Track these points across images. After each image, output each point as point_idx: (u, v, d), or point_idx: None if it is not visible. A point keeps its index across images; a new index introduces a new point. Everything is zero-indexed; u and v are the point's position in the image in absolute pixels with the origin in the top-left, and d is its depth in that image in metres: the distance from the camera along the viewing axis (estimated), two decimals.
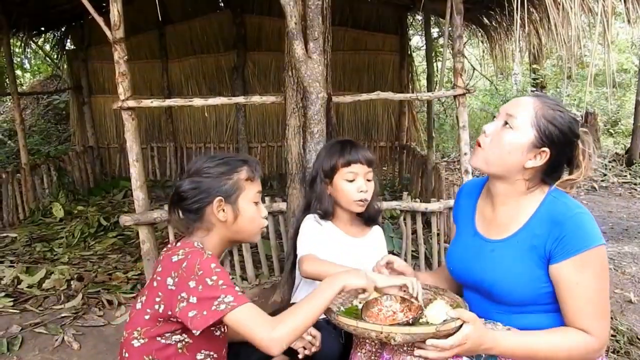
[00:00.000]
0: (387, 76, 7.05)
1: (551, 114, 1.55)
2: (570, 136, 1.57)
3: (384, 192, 6.38)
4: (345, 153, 2.04)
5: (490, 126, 1.62)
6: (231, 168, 1.61)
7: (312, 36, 2.98)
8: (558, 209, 1.55)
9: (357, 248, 2.10)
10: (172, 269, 1.46)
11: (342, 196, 2.05)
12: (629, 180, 7.40)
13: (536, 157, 1.56)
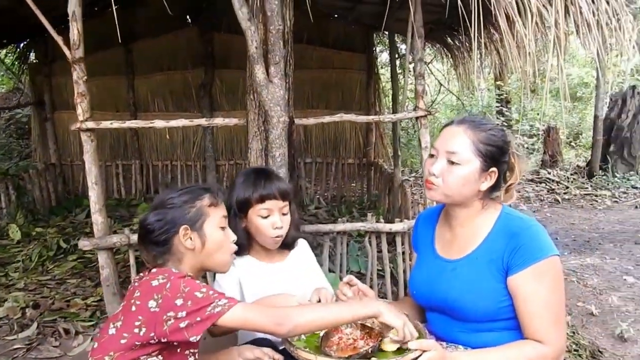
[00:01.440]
0: (355, 94, 7.11)
1: (485, 136, 1.62)
2: (506, 148, 1.67)
3: (351, 210, 6.41)
4: (258, 187, 1.94)
5: (437, 167, 1.65)
6: (194, 196, 1.64)
7: (273, 60, 2.99)
8: (513, 223, 1.64)
9: (281, 273, 2.06)
10: (154, 292, 1.47)
11: (257, 232, 1.98)
12: (590, 192, 7.60)
13: (487, 179, 1.65)
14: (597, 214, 6.61)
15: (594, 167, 8.12)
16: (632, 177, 7.87)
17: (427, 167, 1.69)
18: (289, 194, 2.02)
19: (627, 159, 8.02)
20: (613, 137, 8.08)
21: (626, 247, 5.22)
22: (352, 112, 6.98)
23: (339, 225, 3.68)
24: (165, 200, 1.64)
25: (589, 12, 3.02)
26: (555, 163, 8.78)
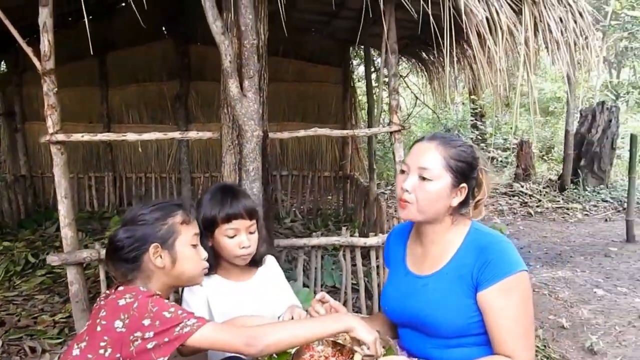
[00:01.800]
0: (331, 107, 7.14)
1: (455, 152, 1.64)
2: (475, 164, 1.69)
3: (327, 223, 6.41)
4: (225, 207, 1.91)
5: (409, 183, 1.66)
6: (165, 213, 1.61)
7: (247, 74, 2.98)
8: (483, 239, 1.66)
9: (249, 291, 2.05)
10: (120, 312, 1.44)
11: (224, 252, 1.96)
12: (562, 205, 7.73)
13: (457, 194, 1.67)
14: (568, 227, 6.73)
15: (566, 180, 8.27)
16: (602, 190, 8.03)
17: (399, 184, 1.70)
18: (256, 212, 2.00)
19: (597, 173, 8.19)
20: (583, 152, 8.25)
21: (596, 259, 5.31)
22: (328, 125, 7.06)
23: (314, 240, 3.68)
24: (136, 216, 1.61)
25: (557, 31, 3.10)
26: (528, 176, 8.93)
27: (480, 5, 2.94)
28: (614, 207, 7.47)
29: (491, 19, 2.98)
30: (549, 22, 3.05)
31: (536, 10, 3.03)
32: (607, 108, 8.24)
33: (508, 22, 2.99)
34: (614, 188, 8.17)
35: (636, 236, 5.94)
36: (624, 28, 12.03)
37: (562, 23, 3.13)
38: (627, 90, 14.39)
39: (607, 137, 8.13)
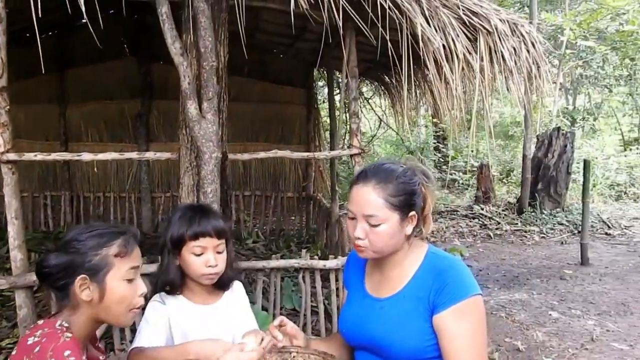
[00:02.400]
0: (295, 128, 7.17)
1: (393, 188, 1.62)
2: (416, 187, 1.67)
3: (290, 244, 6.37)
4: (193, 225, 1.87)
5: (359, 231, 1.66)
6: (102, 242, 1.48)
7: (206, 96, 2.97)
8: (439, 262, 1.66)
9: (212, 315, 2.01)
10: (24, 353, 1.34)
11: (190, 270, 1.94)
12: (520, 228, 7.90)
13: (409, 223, 1.66)
14: (526, 250, 6.87)
15: (524, 203, 8.47)
16: (558, 213, 8.26)
17: (350, 230, 1.70)
18: (226, 233, 1.95)
19: (554, 196, 8.43)
20: (540, 176, 8.49)
21: (552, 282, 5.43)
22: (292, 145, 7.09)
23: (273, 262, 3.64)
24: (70, 241, 1.49)
25: (510, 60, 3.19)
26: (488, 199, 9.11)
27: (438, 34, 3.02)
28: (570, 230, 7.68)
29: (448, 47, 3.05)
30: (503, 52, 3.15)
31: (491, 40, 3.13)
32: (563, 134, 8.53)
33: (464, 50, 3.07)
34: (569, 211, 8.41)
35: (590, 259, 6.12)
36: (579, 57, 12.55)
37: (516, 53, 3.23)
38: (583, 117, 14.97)
39: (562, 162, 8.39)
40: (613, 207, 9.62)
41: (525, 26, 3.32)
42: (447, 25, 3.00)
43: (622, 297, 4.91)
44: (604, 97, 15.87)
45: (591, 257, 6.19)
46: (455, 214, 8.80)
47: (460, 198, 10.34)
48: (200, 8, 2.85)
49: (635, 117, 17.24)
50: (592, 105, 16.51)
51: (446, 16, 3.03)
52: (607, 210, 9.21)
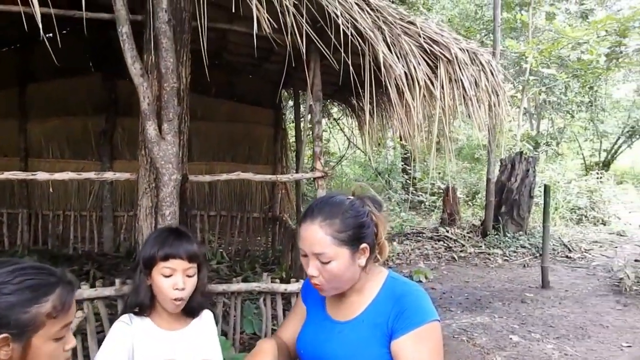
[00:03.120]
0: (262, 148, 7.16)
1: (340, 224, 1.61)
2: (363, 218, 1.66)
3: (254, 265, 6.30)
4: (165, 246, 1.89)
5: (312, 269, 1.65)
6: (33, 297, 1.26)
7: (166, 117, 2.93)
8: (399, 288, 1.66)
9: (177, 342, 1.97)
10: None
11: (158, 292, 1.92)
12: (484, 251, 8.00)
13: (362, 255, 1.64)
14: (489, 272, 6.95)
15: (488, 226, 8.60)
16: (521, 236, 8.40)
17: (304, 268, 1.69)
18: (197, 257, 1.94)
19: (517, 219, 8.59)
20: (504, 199, 8.64)
21: (513, 305, 5.49)
22: (259, 165, 7.07)
23: (233, 286, 3.59)
24: None
25: (470, 88, 3.26)
26: (454, 221, 9.22)
27: (400, 61, 3.06)
28: (532, 253, 7.81)
29: (409, 74, 3.10)
30: (463, 79, 3.21)
31: (451, 68, 3.19)
32: (525, 158, 8.73)
33: (425, 77, 3.12)
34: (532, 234, 8.56)
35: (551, 282, 6.22)
36: (543, 83, 12.95)
37: (475, 81, 3.30)
38: (547, 141, 15.38)
39: (525, 186, 8.57)
40: (574, 230, 9.84)
41: (484, 55, 3.40)
42: (408, 53, 3.05)
43: (581, 321, 5.00)
44: (567, 123, 16.37)
45: (552, 280, 6.30)
46: (421, 236, 8.86)
47: (427, 220, 10.43)
48: (162, 29, 2.83)
49: (596, 142, 17.82)
50: (555, 130, 17.01)
51: (408, 44, 3.08)
52: (568, 233, 9.42)
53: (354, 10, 2.91)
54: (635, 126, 16.09)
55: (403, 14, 3.15)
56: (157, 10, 2.81)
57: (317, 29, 3.13)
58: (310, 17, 3.03)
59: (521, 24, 11.90)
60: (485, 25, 13.45)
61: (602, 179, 12.32)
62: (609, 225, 10.33)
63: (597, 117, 16.18)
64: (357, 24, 2.94)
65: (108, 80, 6.52)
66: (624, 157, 18.99)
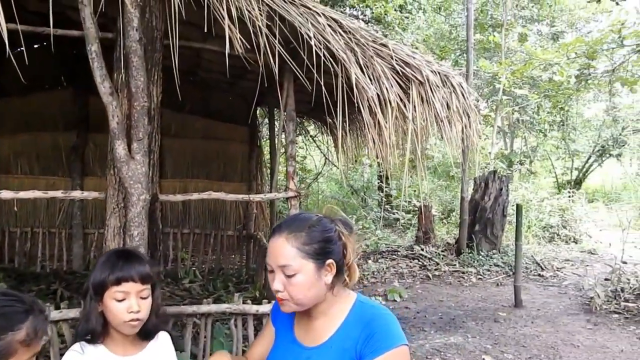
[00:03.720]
0: (237, 165, 7.12)
1: (305, 237, 1.62)
2: (330, 233, 1.66)
3: (228, 284, 6.21)
4: (115, 269, 1.83)
5: (277, 283, 1.64)
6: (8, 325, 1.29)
7: (136, 136, 2.89)
8: (367, 312, 1.65)
9: None
10: None
11: (112, 317, 1.87)
12: (458, 269, 8.03)
13: (328, 271, 1.64)
14: (463, 291, 6.98)
15: (462, 244, 8.66)
16: (494, 255, 8.47)
17: (270, 283, 1.68)
18: (150, 278, 1.89)
19: (490, 238, 8.67)
20: (478, 218, 8.72)
21: (486, 325, 5.51)
22: (233, 183, 7.02)
23: (204, 307, 3.53)
24: None
25: (442, 110, 3.29)
26: (428, 239, 9.26)
27: (372, 83, 3.08)
28: (505, 271, 7.88)
29: (382, 95, 3.12)
30: (434, 101, 3.24)
31: (422, 90, 3.22)
32: (499, 177, 8.84)
33: (397, 99, 3.15)
34: (505, 253, 8.64)
35: (523, 301, 6.27)
36: (516, 102, 13.20)
37: (447, 104, 3.34)
38: (520, 160, 15.64)
39: (498, 205, 8.67)
40: (546, 248, 9.97)
41: (455, 77, 3.44)
42: (381, 75, 3.07)
43: (552, 341, 5.03)
44: (539, 141, 16.68)
45: (524, 299, 6.35)
46: (396, 254, 8.87)
47: (402, 237, 10.46)
48: (133, 48, 2.80)
49: (568, 160, 18.19)
50: (529, 149, 17.32)
51: (380, 66, 3.10)
52: (541, 251, 9.53)
53: (327, 32, 2.93)
54: (605, 145, 16.48)
55: (376, 36, 3.18)
56: (128, 29, 2.79)
57: (290, 50, 3.14)
58: (283, 37, 3.03)
59: (494, 45, 12.15)
60: (460, 45, 13.71)
61: (573, 198, 12.55)
62: (581, 244, 10.50)
63: (569, 136, 16.55)
64: (330, 46, 2.95)
65: (80, 95, 6.43)
66: (595, 176, 19.39)
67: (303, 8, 2.93)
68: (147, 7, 2.94)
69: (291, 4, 2.92)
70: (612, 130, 16.76)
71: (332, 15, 3.00)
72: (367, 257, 8.57)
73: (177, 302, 5.55)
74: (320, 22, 2.94)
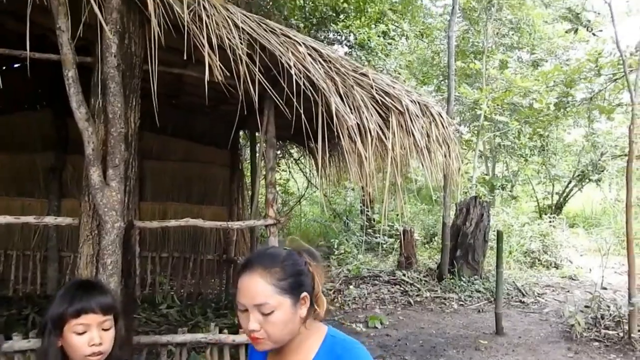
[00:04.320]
0: (218, 189, 7.06)
1: (280, 272, 1.59)
2: (302, 267, 1.64)
3: (206, 310, 6.11)
4: (75, 301, 1.77)
5: (253, 323, 1.61)
6: None
7: (112, 163, 2.85)
8: (338, 345, 1.63)
9: None
10: None
11: (72, 352, 1.79)
12: (439, 295, 7.99)
13: (303, 305, 1.62)
14: (444, 318, 6.94)
15: (444, 270, 8.64)
16: (476, 281, 8.46)
17: (243, 324, 1.63)
18: (113, 308, 1.84)
19: (472, 263, 8.67)
20: (459, 243, 8.73)
21: (467, 353, 5.47)
22: (214, 206, 6.95)
23: (179, 337, 3.46)
24: None
25: (421, 139, 3.30)
26: (410, 265, 9.23)
27: (353, 113, 3.08)
28: (487, 297, 7.86)
29: (361, 124, 3.12)
30: (414, 131, 3.25)
31: (402, 119, 3.23)
32: (480, 203, 8.88)
33: (377, 128, 3.15)
34: (486, 279, 8.63)
35: (505, 328, 6.24)
36: (497, 128, 13.37)
37: (427, 134, 3.35)
38: (502, 184, 15.78)
39: (479, 230, 8.70)
40: (528, 274, 9.98)
41: (435, 107, 3.46)
42: (361, 105, 3.08)
43: None
44: (521, 166, 16.86)
45: (506, 326, 6.33)
46: (378, 279, 8.82)
47: (385, 262, 10.41)
48: (111, 74, 2.77)
49: (549, 185, 18.38)
50: (510, 173, 17.49)
51: (360, 95, 3.11)
52: (522, 277, 9.54)
53: (307, 61, 2.93)
54: (585, 170, 16.71)
55: (356, 65, 3.20)
56: (107, 55, 2.76)
57: (270, 77, 3.13)
58: (264, 65, 3.03)
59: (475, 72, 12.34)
60: (442, 71, 13.90)
61: (554, 223, 12.65)
62: (561, 269, 10.54)
63: (549, 161, 16.75)
64: (310, 75, 2.95)
65: (59, 116, 6.33)
66: (576, 200, 19.60)
67: (283, 37, 2.94)
68: (126, 33, 2.92)
69: (272, 33, 2.93)
70: (591, 155, 17.03)
71: (313, 45, 3.01)
72: (348, 282, 8.51)
73: (153, 329, 5.43)
74: (301, 51, 2.95)
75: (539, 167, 17.38)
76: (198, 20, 2.75)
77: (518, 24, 13.94)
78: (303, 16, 8.97)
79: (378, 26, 9.93)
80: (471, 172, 13.40)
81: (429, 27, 13.57)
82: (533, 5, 14.05)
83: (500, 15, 13.65)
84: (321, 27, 9.33)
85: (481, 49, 12.59)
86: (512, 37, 14.48)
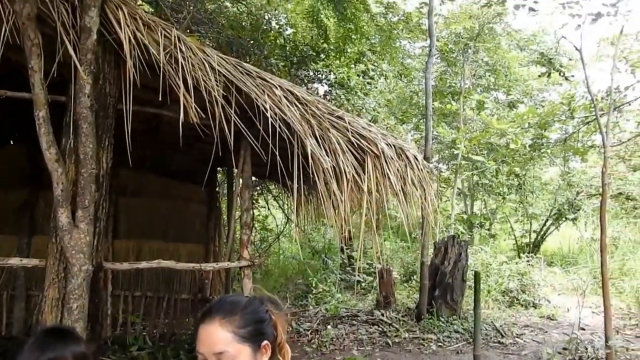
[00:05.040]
0: (195, 226, 6.97)
1: (240, 320, 1.57)
2: (264, 315, 1.63)
3: (179, 352, 5.92)
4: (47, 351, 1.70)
5: None
6: None
7: (82, 204, 2.79)
8: None
9: None
10: None
11: None
12: (418, 336, 7.88)
13: (264, 353, 1.61)
14: (423, 359, 6.83)
15: (422, 310, 8.56)
16: (455, 321, 8.38)
17: None
18: (86, 357, 1.78)
19: (450, 303, 8.61)
20: (438, 282, 8.68)
21: None
22: (190, 244, 6.84)
23: None
24: None
25: (397, 182, 3.30)
26: (389, 304, 9.14)
27: (329, 156, 3.09)
28: (465, 338, 7.78)
29: (337, 167, 3.12)
30: (389, 173, 3.26)
31: (378, 162, 3.24)
32: (458, 242, 8.90)
33: (352, 171, 3.15)
34: (465, 319, 8.56)
35: None
36: (475, 166, 13.54)
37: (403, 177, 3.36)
38: (480, 222, 15.89)
39: (458, 270, 8.68)
40: (506, 313, 9.94)
41: (411, 150, 3.48)
42: (337, 148, 3.08)
43: None
44: (498, 204, 17.04)
45: None
46: (356, 319, 8.69)
47: (363, 301, 10.30)
48: (83, 114, 2.74)
49: (526, 223, 18.56)
50: (488, 211, 17.63)
51: (336, 137, 3.12)
52: (501, 316, 9.50)
53: (283, 104, 2.95)
54: (562, 209, 16.93)
55: (332, 108, 3.22)
56: (80, 95, 2.74)
57: (246, 119, 3.13)
58: (240, 107, 3.04)
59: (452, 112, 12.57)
60: (420, 110, 14.11)
61: (532, 262, 12.70)
62: (540, 308, 10.53)
63: (526, 200, 16.96)
64: (286, 117, 2.96)
65: (32, 152, 6.23)
66: (553, 239, 19.79)
67: (260, 80, 2.95)
68: (101, 73, 2.90)
69: (248, 76, 2.94)
70: (567, 194, 17.30)
71: (289, 88, 3.03)
72: (326, 322, 8.36)
73: None
74: (277, 94, 2.96)
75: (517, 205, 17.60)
76: (174, 62, 2.75)
77: (494, 66, 14.32)
78: (283, 55, 9.08)
79: (357, 66, 10.11)
80: (450, 210, 13.48)
81: (408, 68, 13.85)
82: (508, 49, 14.47)
83: (477, 57, 14.02)
84: (301, 66, 9.45)
85: (458, 89, 12.86)
86: (488, 79, 14.83)
